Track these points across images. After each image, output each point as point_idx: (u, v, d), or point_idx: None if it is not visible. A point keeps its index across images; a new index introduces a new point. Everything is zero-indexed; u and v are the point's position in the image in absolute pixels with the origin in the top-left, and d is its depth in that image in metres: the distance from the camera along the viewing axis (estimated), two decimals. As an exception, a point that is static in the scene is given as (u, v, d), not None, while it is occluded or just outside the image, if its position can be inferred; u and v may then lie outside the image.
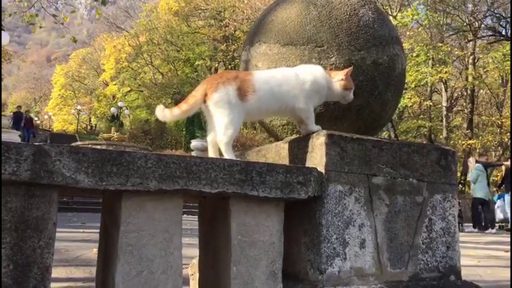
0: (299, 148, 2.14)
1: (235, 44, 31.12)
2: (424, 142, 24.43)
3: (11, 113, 23.57)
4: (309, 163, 2.05)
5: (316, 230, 1.96)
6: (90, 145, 19.72)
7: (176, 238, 1.79)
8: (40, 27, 9.23)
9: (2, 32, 13.68)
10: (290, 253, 2.04)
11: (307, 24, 2.32)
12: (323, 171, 1.98)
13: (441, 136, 25.20)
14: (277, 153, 2.28)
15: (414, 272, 2.12)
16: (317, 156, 2.01)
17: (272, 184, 1.88)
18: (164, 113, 2.08)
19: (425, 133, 25.43)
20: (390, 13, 19.69)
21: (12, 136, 12.99)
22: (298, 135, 2.33)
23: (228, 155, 1.98)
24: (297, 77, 2.08)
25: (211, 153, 2.09)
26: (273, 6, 2.59)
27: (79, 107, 47.22)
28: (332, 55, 2.27)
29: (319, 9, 2.34)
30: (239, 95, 1.98)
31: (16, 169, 1.49)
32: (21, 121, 22.43)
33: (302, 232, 2.03)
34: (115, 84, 41.45)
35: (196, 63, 34.35)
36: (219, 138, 1.99)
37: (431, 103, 24.89)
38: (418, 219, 2.17)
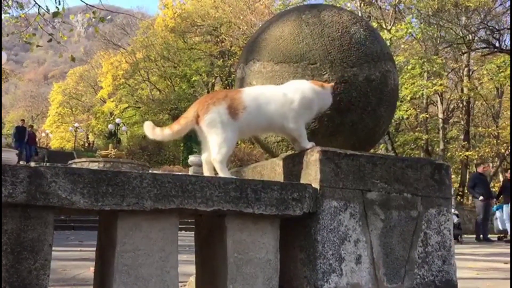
0: (294, 164, 2.16)
1: (232, 59, 31.29)
2: (422, 154, 24.49)
3: (14, 128, 21.39)
4: (304, 180, 2.06)
5: (311, 246, 1.96)
6: (88, 162, 19.70)
7: (172, 256, 1.80)
8: (37, 46, 9.28)
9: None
10: (287, 269, 2.04)
11: (300, 42, 2.36)
12: (317, 187, 1.99)
13: (438, 148, 25.25)
14: (272, 169, 2.30)
15: (411, 287, 2.12)
16: (311, 173, 2.03)
17: (267, 201, 1.89)
18: (155, 132, 2.09)
19: (422, 145, 25.47)
20: (384, 26, 19.86)
21: (9, 155, 12.96)
22: (293, 152, 2.35)
23: (223, 173, 1.99)
24: (285, 96, 2.10)
25: (206, 172, 2.10)
26: (266, 24, 2.63)
27: (76, 124, 47.22)
28: (325, 72, 2.30)
29: (312, 27, 2.38)
30: (230, 113, 2.01)
31: (12, 191, 1.50)
32: (25, 137, 20.34)
33: (298, 249, 2.04)
34: (112, 101, 41.55)
35: (193, 78, 34.49)
36: (213, 157, 2.01)
37: (427, 115, 25.00)
38: (414, 233, 2.18)
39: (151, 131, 2.09)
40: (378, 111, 2.42)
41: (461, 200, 22.17)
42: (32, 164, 15.73)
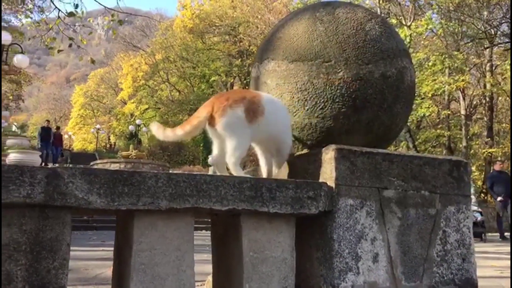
0: (309, 163, 2.15)
1: (250, 59, 31.32)
2: (444, 152, 24.12)
3: (39, 129, 20.61)
4: (319, 178, 2.05)
5: (328, 245, 1.95)
6: (109, 163, 19.95)
7: (188, 256, 1.81)
8: (59, 51, 9.44)
9: (22, 55, 14.04)
10: (303, 268, 2.04)
11: (314, 40, 2.35)
12: (333, 185, 1.98)
13: (460, 145, 24.83)
14: (287, 168, 2.29)
15: (430, 286, 2.09)
16: (327, 171, 2.02)
17: (282, 200, 1.89)
18: (166, 133, 2.06)
19: (445, 142, 25.09)
20: (404, 23, 19.61)
21: (33, 157, 13.20)
22: (308, 150, 2.35)
23: (237, 173, 1.99)
24: (287, 111, 2.17)
25: (216, 172, 2.11)
26: (281, 23, 2.63)
27: (98, 126, 47.91)
28: (340, 70, 2.29)
29: (326, 25, 2.37)
30: (247, 117, 1.98)
31: (30, 192, 1.53)
32: (50, 138, 19.72)
33: (314, 247, 2.03)
34: (132, 102, 42.01)
35: (212, 79, 34.64)
36: (227, 159, 2.00)
37: (449, 112, 24.61)
38: (432, 231, 2.15)
39: (161, 132, 2.06)
40: (395, 108, 2.39)
41: (485, 197, 21.77)
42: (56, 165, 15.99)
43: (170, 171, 17.63)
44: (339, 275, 1.91)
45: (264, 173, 2.20)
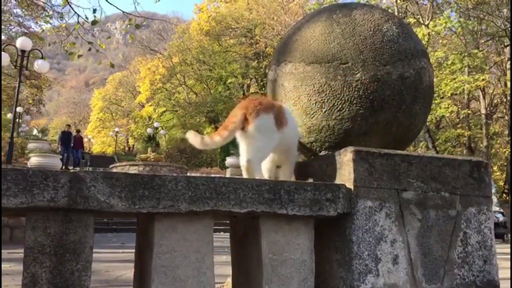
0: (327, 165, 2.15)
1: (266, 61, 31.33)
2: (464, 152, 23.77)
3: (60, 133, 20.77)
4: (337, 180, 2.05)
5: (347, 246, 1.95)
6: (128, 166, 20.15)
7: (208, 258, 1.83)
8: (79, 57, 9.58)
9: (42, 61, 14.29)
10: (322, 270, 2.04)
11: (331, 42, 2.35)
12: (351, 187, 1.98)
13: (481, 145, 24.45)
14: (305, 170, 2.30)
15: (451, 288, 2.08)
16: (345, 173, 2.02)
17: (301, 202, 1.90)
18: (204, 141, 2.08)
19: (465, 142, 24.73)
20: (421, 21, 19.41)
21: (53, 161, 13.41)
22: (326, 152, 2.35)
23: (258, 175, 2.01)
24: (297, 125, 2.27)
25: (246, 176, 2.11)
26: (297, 25, 2.64)
27: (116, 129, 48.50)
28: (357, 72, 2.28)
29: (343, 27, 2.37)
30: (276, 123, 2.08)
31: (54, 196, 1.56)
32: (71, 141, 19.89)
33: (333, 249, 2.03)
34: (150, 105, 42.38)
35: (229, 81, 34.77)
36: (248, 157, 2.02)
37: (469, 111, 24.25)
38: (452, 233, 2.13)
39: (199, 141, 2.07)
40: (413, 109, 2.38)
41: (507, 198, 21.38)
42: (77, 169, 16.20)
43: (188, 174, 17.70)
44: (358, 277, 1.91)
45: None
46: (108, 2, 8.82)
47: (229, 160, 19.67)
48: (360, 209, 1.97)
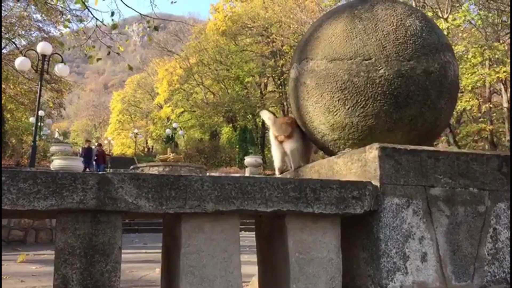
0: (352, 162, 2.13)
1: (283, 59, 31.28)
2: (486, 146, 23.36)
3: (81, 150, 20.34)
4: (363, 177, 2.03)
5: (374, 244, 1.93)
6: (148, 167, 20.31)
7: (235, 257, 1.83)
8: (98, 60, 9.69)
9: (62, 65, 14.49)
10: (349, 268, 2.02)
11: (353, 38, 2.32)
12: (378, 184, 1.96)
13: (504, 139, 24.03)
14: (330, 168, 2.28)
15: (481, 285, 2.04)
16: (371, 170, 2.00)
17: (327, 200, 1.89)
18: (276, 128, 2.70)
19: (487, 136, 24.31)
20: (440, 15, 19.14)
21: (75, 163, 13.59)
22: (350, 149, 2.33)
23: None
24: None
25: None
26: (318, 23, 2.62)
27: (136, 130, 49.00)
28: (380, 67, 2.26)
29: (365, 23, 2.34)
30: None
31: (83, 197, 1.58)
32: (92, 157, 19.77)
33: (360, 247, 2.01)
34: (168, 106, 42.69)
35: (246, 80, 34.81)
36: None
37: (491, 105, 23.83)
38: (482, 229, 2.09)
39: (273, 123, 2.69)
40: (439, 104, 2.34)
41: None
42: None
43: (207, 173, 17.77)
44: (387, 275, 1.89)
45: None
46: (125, 5, 8.90)
47: (247, 160, 19.70)
48: (387, 206, 1.94)
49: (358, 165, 2.08)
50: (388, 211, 1.95)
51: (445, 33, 16.80)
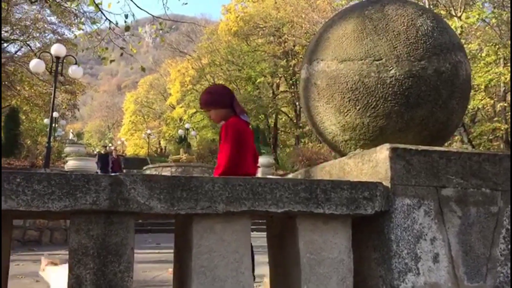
0: (363, 163, 2.13)
1: (295, 59, 31.20)
2: (502, 146, 23.08)
3: (97, 156, 19.70)
4: (374, 178, 2.03)
5: (385, 245, 1.93)
6: (161, 168, 20.41)
7: (246, 258, 1.84)
8: (111, 61, 9.77)
9: (76, 67, 14.64)
10: (360, 269, 2.02)
11: (364, 38, 2.32)
12: (389, 185, 1.96)
13: (519, 138, 23.68)
14: (341, 169, 2.28)
15: (494, 286, 2.02)
16: (381, 171, 2.00)
17: (338, 201, 1.89)
18: None
19: (502, 135, 24.00)
20: (454, 13, 18.95)
21: (89, 164, 13.73)
22: (361, 150, 2.33)
23: None
24: None
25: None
26: (329, 23, 2.62)
27: (148, 131, 49.27)
28: (391, 68, 2.25)
29: (375, 23, 2.34)
30: None
31: (96, 199, 1.60)
32: (108, 164, 18.93)
33: (372, 248, 2.01)
34: (181, 107, 42.84)
35: (258, 80, 34.79)
36: None
37: (505, 104, 23.53)
38: (495, 230, 2.08)
39: None
40: (450, 104, 2.33)
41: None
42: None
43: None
44: (398, 276, 1.89)
45: None
46: (138, 7, 8.96)
47: (260, 160, 19.70)
48: (398, 207, 1.94)
49: (369, 165, 2.08)
50: (399, 212, 1.94)
51: (459, 31, 16.66)
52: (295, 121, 33.06)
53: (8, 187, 1.54)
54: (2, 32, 24.40)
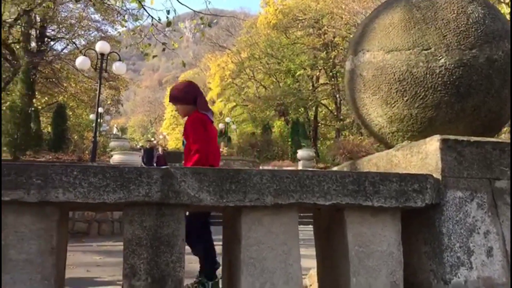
0: (412, 155, 2.09)
1: (335, 51, 30.82)
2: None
3: (142, 151, 19.89)
4: (423, 170, 1.99)
5: (436, 239, 1.89)
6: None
7: (295, 250, 1.85)
8: (153, 57, 9.96)
9: (120, 63, 15.00)
10: (410, 262, 1.99)
11: (412, 27, 2.27)
12: (439, 177, 1.91)
13: None
14: (388, 161, 2.25)
15: (552, 282, 1.95)
16: (432, 162, 1.96)
17: (386, 194, 1.86)
18: None
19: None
20: (502, 0, 18.22)
21: (133, 158, 14.09)
22: (410, 142, 2.28)
23: None
24: None
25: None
26: (374, 13, 2.58)
27: (190, 125, 49.91)
28: (440, 57, 2.20)
29: (423, 11, 2.28)
30: None
31: (148, 191, 1.65)
32: (153, 159, 18.36)
33: (422, 241, 1.97)
34: (221, 101, 43.19)
35: (297, 73, 34.59)
36: None
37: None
38: (552, 224, 1.99)
39: None
40: (503, 93, 2.25)
41: None
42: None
43: (260, 167, 17.86)
44: (450, 270, 1.85)
45: None
46: (179, 2, 9.08)
47: (300, 153, 19.65)
48: (449, 199, 1.90)
49: (418, 157, 2.04)
50: (451, 205, 1.90)
51: (508, 18, 15.99)
52: (335, 113, 32.70)
53: (66, 179, 1.61)
54: (49, 31, 25.30)
